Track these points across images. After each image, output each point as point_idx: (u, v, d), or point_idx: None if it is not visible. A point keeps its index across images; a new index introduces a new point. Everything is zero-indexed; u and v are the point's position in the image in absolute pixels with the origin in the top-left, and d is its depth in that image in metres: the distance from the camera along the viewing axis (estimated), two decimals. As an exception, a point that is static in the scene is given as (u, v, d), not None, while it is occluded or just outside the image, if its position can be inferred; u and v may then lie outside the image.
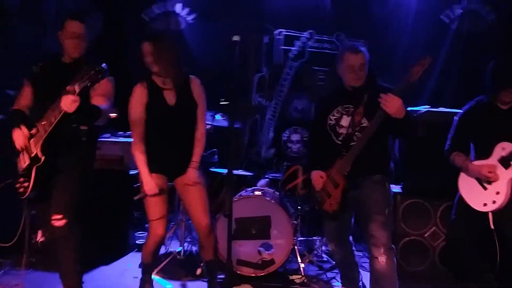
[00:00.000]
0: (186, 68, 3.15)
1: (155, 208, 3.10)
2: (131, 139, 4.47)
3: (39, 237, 3.95)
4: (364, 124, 3.03)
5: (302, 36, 5.59)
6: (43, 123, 2.86)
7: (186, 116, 3.12)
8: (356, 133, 3.05)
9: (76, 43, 2.98)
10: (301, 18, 5.65)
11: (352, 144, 3.04)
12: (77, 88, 2.62)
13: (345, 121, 3.10)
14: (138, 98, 3.07)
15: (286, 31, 5.70)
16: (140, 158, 3.10)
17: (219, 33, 5.47)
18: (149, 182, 3.06)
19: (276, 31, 5.68)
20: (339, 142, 3.11)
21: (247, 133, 5.37)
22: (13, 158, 3.00)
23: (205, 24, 5.72)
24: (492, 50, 5.09)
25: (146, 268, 3.31)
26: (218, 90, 4.76)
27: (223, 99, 4.98)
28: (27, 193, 2.89)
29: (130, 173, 4.45)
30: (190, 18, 5.81)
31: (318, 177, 3.14)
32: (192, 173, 3.12)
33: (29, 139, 2.91)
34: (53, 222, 2.93)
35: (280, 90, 5.52)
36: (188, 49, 5.64)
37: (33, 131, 2.91)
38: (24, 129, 2.93)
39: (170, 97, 3.08)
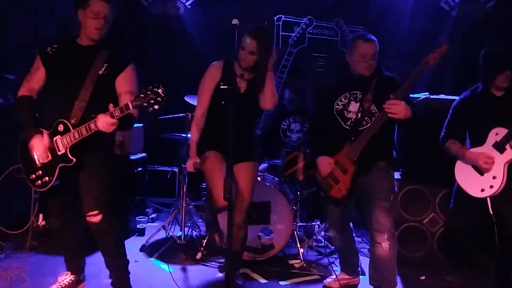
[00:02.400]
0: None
1: (213, 179, 3.08)
2: (131, 124, 4.54)
3: (40, 221, 3.98)
4: (373, 111, 3.06)
5: (301, 22, 5.59)
6: (72, 121, 2.73)
7: (251, 108, 3.14)
8: (365, 118, 3.07)
9: (100, 24, 2.78)
10: (300, 4, 5.64)
11: (361, 129, 3.06)
12: (118, 113, 2.58)
13: (353, 106, 3.12)
14: (212, 76, 3.12)
15: (285, 17, 5.68)
16: (194, 134, 3.16)
17: (217, 18, 5.44)
18: (190, 160, 3.11)
19: (275, 17, 5.67)
20: (347, 127, 3.12)
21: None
22: (19, 144, 2.91)
23: (203, 9, 5.68)
24: (492, 37, 5.10)
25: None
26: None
27: (222, 84, 4.98)
28: (47, 188, 2.80)
29: (131, 157, 4.47)
30: (188, 3, 5.77)
31: (325, 163, 3.12)
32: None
33: (54, 135, 2.77)
34: (89, 218, 2.88)
35: (279, 76, 5.53)
36: (187, 33, 5.62)
37: (60, 127, 2.75)
38: (46, 138, 2.78)
39: (242, 85, 3.11)
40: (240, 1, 5.47)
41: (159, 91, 2.51)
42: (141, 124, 4.71)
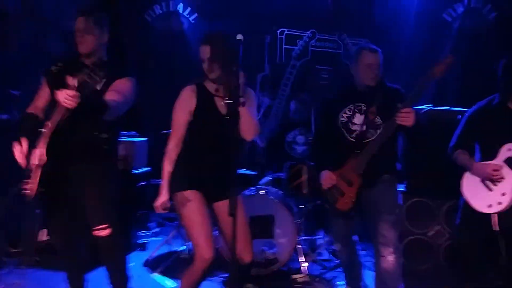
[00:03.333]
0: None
1: (197, 227, 2.70)
2: (135, 139, 4.55)
3: (43, 237, 3.97)
4: (378, 123, 3.05)
5: (304, 35, 5.61)
6: (49, 123, 2.72)
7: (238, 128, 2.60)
8: (370, 131, 3.06)
9: (80, 37, 2.83)
10: (303, 17, 5.67)
11: (366, 141, 3.05)
12: (73, 81, 2.44)
13: (358, 119, 3.11)
14: (185, 103, 2.77)
15: (288, 30, 5.71)
16: (166, 169, 2.80)
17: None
18: (160, 198, 2.80)
19: (279, 31, 5.70)
20: (353, 139, 3.11)
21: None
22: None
23: (207, 24, 5.73)
24: (494, 48, 5.10)
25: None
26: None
27: (227, 99, 4.99)
28: (32, 194, 2.74)
29: (134, 172, 4.47)
30: (192, 18, 5.82)
31: (327, 178, 3.11)
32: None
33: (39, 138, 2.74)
34: (97, 233, 2.85)
35: (282, 89, 5.54)
36: (190, 49, 5.65)
37: (44, 128, 2.73)
38: (24, 144, 2.75)
39: (222, 105, 2.74)
40: (243, 16, 5.51)
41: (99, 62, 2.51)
42: (145, 139, 4.72)
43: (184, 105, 2.78)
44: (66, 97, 2.47)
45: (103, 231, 2.87)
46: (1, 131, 4.16)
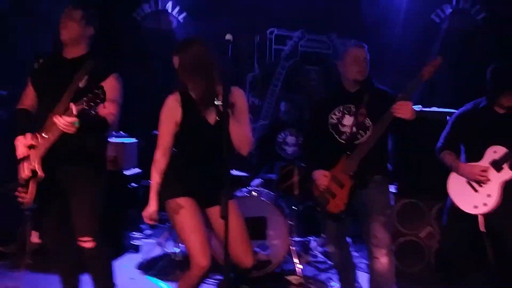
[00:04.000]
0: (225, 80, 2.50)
1: (191, 234, 2.62)
2: (124, 140, 4.52)
3: (34, 239, 3.92)
4: (368, 124, 3.06)
5: (294, 36, 5.62)
6: (42, 134, 2.66)
7: (228, 136, 2.49)
8: (360, 132, 3.07)
9: (63, 24, 2.78)
10: (293, 17, 5.67)
11: (356, 142, 3.06)
12: (74, 110, 2.41)
13: (347, 120, 3.11)
14: (170, 113, 2.68)
15: (278, 30, 5.72)
16: (155, 179, 2.73)
17: (210, 32, 5.44)
18: (149, 209, 2.73)
19: (268, 31, 5.70)
20: (343, 141, 3.12)
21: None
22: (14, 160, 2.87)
23: (196, 23, 5.70)
24: (483, 49, 5.17)
25: None
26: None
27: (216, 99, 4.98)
28: (27, 205, 2.73)
29: (124, 173, 4.44)
30: (180, 17, 5.79)
31: (322, 176, 3.10)
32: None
33: (31, 149, 2.71)
34: (81, 244, 2.82)
35: (272, 89, 5.55)
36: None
37: (34, 141, 2.69)
38: (27, 137, 2.72)
39: (209, 114, 2.65)
40: (233, 16, 5.49)
41: (98, 92, 2.43)
42: (135, 140, 4.69)
43: (170, 115, 2.69)
44: (65, 124, 2.45)
45: (87, 243, 2.82)
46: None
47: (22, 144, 2.74)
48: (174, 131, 2.70)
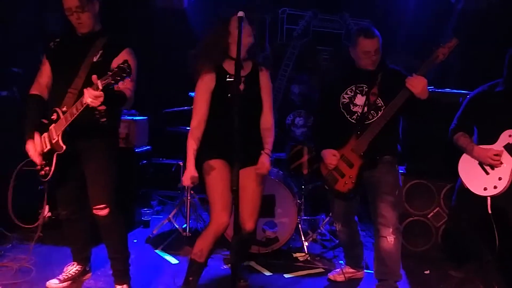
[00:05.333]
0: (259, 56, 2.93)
1: (217, 193, 2.86)
2: (135, 117, 4.55)
3: (46, 212, 4.00)
4: (379, 104, 3.05)
5: (306, 15, 5.56)
6: (63, 109, 2.76)
7: (253, 104, 2.93)
8: (371, 112, 3.06)
9: (74, 18, 2.83)
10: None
11: (367, 123, 3.05)
12: (100, 85, 2.50)
13: (359, 100, 3.11)
14: (206, 85, 2.89)
15: (290, 10, 5.66)
16: (191, 146, 2.87)
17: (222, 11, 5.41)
18: (188, 173, 2.82)
19: (280, 10, 5.65)
20: (353, 121, 3.11)
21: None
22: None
23: (208, 2, 5.65)
24: (498, 30, 5.07)
25: (195, 267, 2.92)
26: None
27: (228, 76, 4.98)
28: (49, 177, 2.83)
29: (136, 150, 4.48)
30: (193, -5, 5.75)
31: (331, 156, 3.11)
32: (266, 160, 2.90)
33: (50, 124, 2.81)
34: (96, 212, 2.92)
35: (283, 69, 5.51)
36: (191, 27, 5.59)
37: (54, 116, 2.79)
38: (37, 143, 2.84)
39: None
40: (245, -6, 5.44)
41: (124, 66, 2.49)
42: (146, 117, 4.72)
43: (204, 87, 2.89)
44: (93, 97, 2.51)
45: (101, 211, 2.91)
46: (1, 107, 4.16)
47: (32, 150, 2.84)
48: (209, 99, 2.88)
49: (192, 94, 4.30)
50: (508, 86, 3.16)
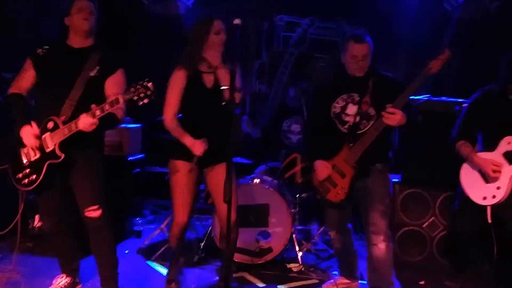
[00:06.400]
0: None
1: (178, 195, 3.05)
2: (129, 125, 4.51)
3: (36, 222, 3.95)
4: (371, 113, 3.02)
5: (303, 23, 5.54)
6: (62, 118, 2.76)
7: (222, 99, 2.99)
8: (363, 122, 3.03)
9: (84, 14, 2.86)
10: (302, 4, 5.59)
11: (359, 132, 3.02)
12: (121, 100, 2.60)
13: (351, 109, 3.08)
14: (177, 82, 3.01)
15: (287, 17, 5.64)
16: (178, 129, 3.00)
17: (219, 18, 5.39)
18: (195, 143, 2.93)
19: (277, 17, 5.63)
20: (345, 130, 3.08)
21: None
22: (9, 143, 2.93)
23: (204, 9, 5.64)
24: (495, 39, 5.05)
25: (172, 253, 3.26)
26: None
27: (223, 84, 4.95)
28: (33, 186, 2.81)
29: (128, 158, 4.44)
30: (190, 2, 5.73)
31: (323, 168, 3.10)
32: None
33: (43, 132, 2.79)
34: (88, 213, 2.90)
35: (280, 77, 5.48)
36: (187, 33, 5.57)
37: (49, 124, 2.78)
38: (34, 127, 2.80)
39: (209, 80, 3.02)
40: (242, 2, 5.43)
41: (148, 85, 2.61)
42: (139, 125, 4.68)
43: (176, 85, 3.02)
44: (87, 126, 2.64)
45: (94, 212, 2.90)
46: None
47: (30, 134, 2.80)
48: (180, 96, 3.01)
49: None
50: (504, 90, 3.13)
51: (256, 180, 3.98)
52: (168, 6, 5.78)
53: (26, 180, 2.82)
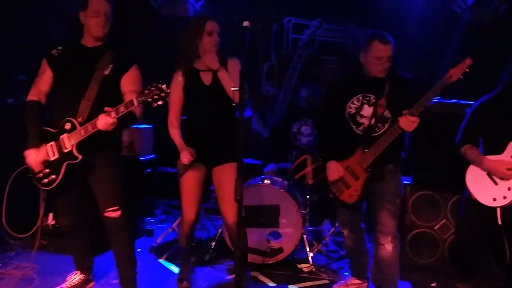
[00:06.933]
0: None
1: (185, 193, 3.13)
2: (140, 126, 4.55)
3: (50, 221, 3.98)
4: (387, 116, 3.01)
5: (311, 25, 5.57)
6: (79, 119, 2.78)
7: (222, 95, 3.03)
8: (378, 125, 3.03)
9: (101, 21, 2.86)
10: (310, 6, 5.61)
11: (374, 135, 3.02)
12: (135, 102, 2.64)
13: (366, 111, 3.06)
14: (174, 84, 3.09)
15: (295, 19, 5.66)
16: (174, 132, 3.13)
17: (228, 20, 5.42)
18: (184, 151, 3.02)
19: (285, 19, 5.65)
20: (359, 132, 3.08)
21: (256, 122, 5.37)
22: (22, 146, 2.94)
23: (213, 11, 5.66)
24: (504, 41, 5.05)
25: (183, 252, 3.37)
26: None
27: (232, 86, 4.97)
28: (52, 186, 2.83)
29: (140, 159, 4.47)
30: (198, 4, 5.76)
31: (334, 170, 3.08)
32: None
33: (61, 133, 2.81)
34: (108, 214, 2.92)
35: (289, 79, 5.51)
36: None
37: (67, 125, 2.80)
38: (41, 152, 2.83)
39: (206, 78, 3.06)
40: (251, 4, 5.45)
41: (163, 87, 2.64)
42: (151, 126, 4.71)
43: (176, 86, 3.09)
44: (107, 126, 2.67)
45: (114, 213, 2.92)
46: (7, 115, 4.16)
47: (36, 159, 2.83)
48: (181, 95, 3.10)
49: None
50: (507, 92, 3.13)
51: (267, 181, 4.00)
52: (176, 8, 5.81)
53: (46, 180, 2.85)
